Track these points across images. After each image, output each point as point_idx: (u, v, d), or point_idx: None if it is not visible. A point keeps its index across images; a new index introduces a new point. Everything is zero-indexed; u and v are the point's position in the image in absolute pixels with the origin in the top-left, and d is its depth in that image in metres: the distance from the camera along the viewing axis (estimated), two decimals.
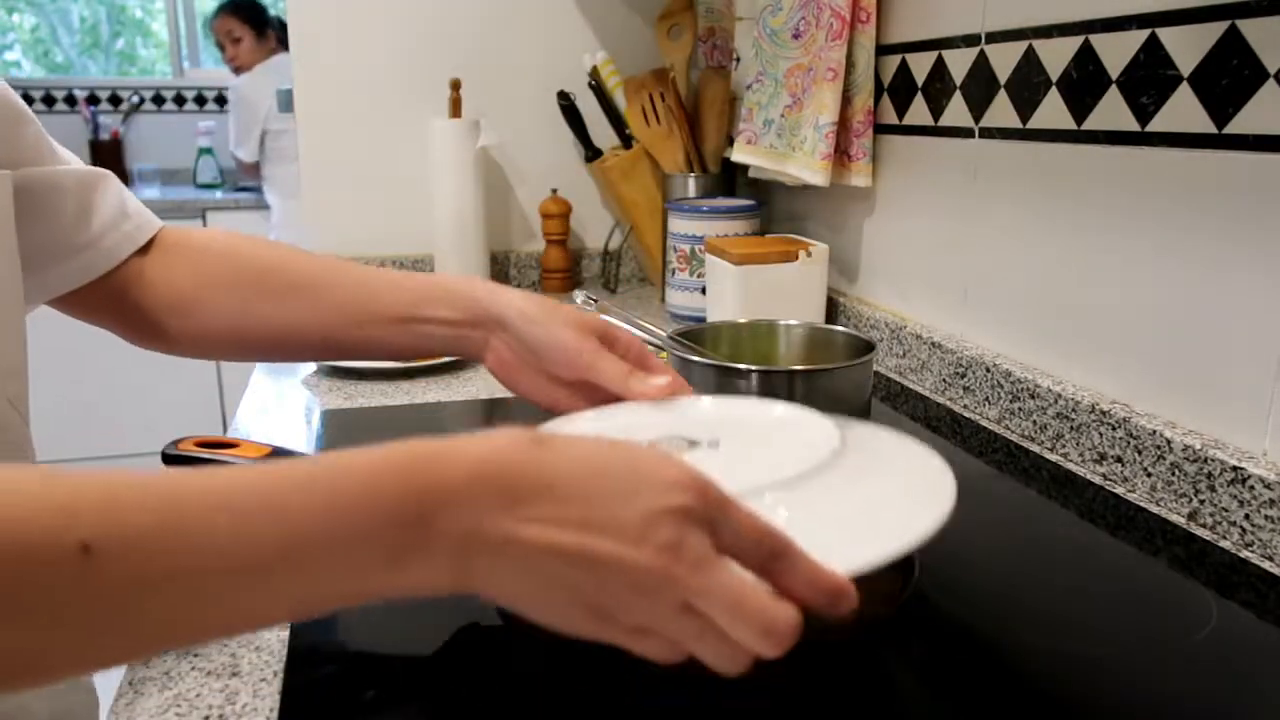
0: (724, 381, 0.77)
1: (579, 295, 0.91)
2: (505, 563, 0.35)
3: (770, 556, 0.37)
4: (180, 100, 3.35)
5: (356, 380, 1.04)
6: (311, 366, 1.08)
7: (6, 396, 0.55)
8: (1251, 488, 0.63)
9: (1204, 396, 0.69)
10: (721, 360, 0.82)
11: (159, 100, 3.33)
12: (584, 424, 0.59)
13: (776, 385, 0.76)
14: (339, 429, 0.90)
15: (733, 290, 1.12)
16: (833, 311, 1.20)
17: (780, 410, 0.58)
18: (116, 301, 0.64)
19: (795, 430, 0.55)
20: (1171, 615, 0.57)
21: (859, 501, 0.46)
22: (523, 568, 0.35)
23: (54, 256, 0.60)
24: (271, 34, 2.89)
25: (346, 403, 0.97)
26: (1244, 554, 0.63)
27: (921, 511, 0.44)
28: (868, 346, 0.81)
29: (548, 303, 0.63)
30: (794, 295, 1.12)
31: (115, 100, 3.28)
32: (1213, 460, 0.66)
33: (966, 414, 0.92)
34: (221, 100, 3.32)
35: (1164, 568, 0.63)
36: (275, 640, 0.53)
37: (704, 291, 1.24)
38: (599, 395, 0.60)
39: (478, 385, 1.02)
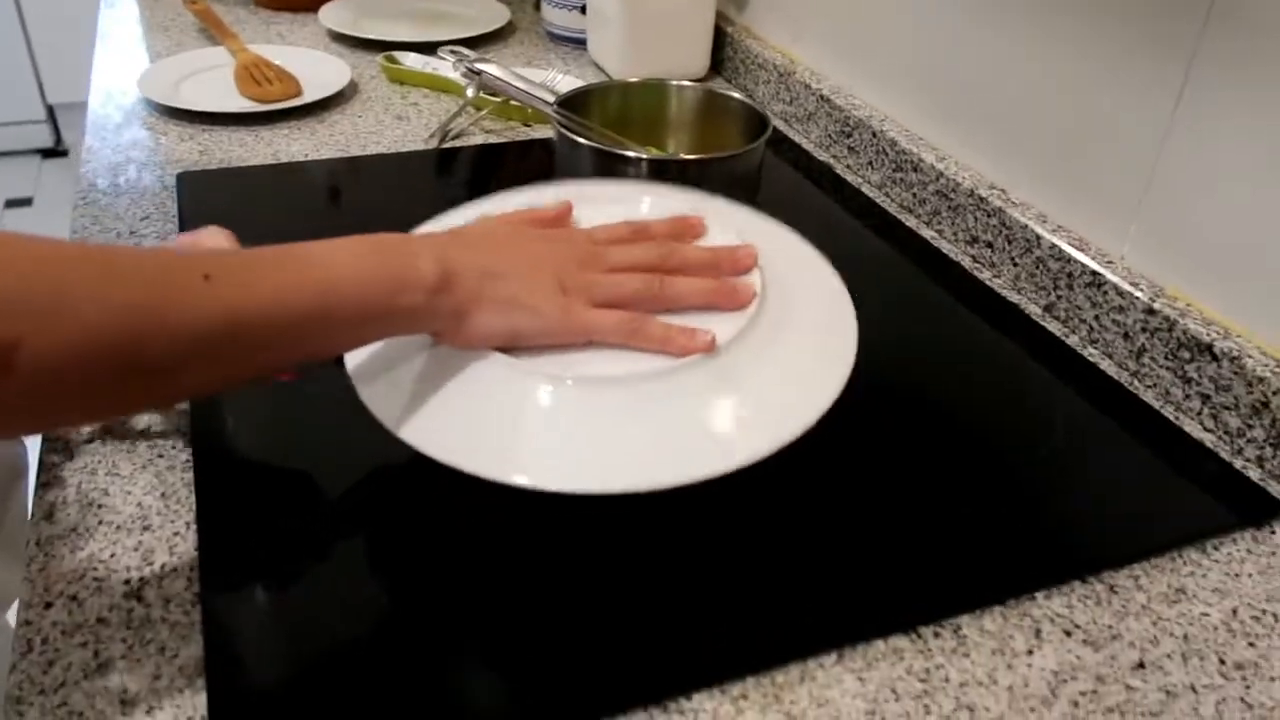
0: (613, 167, 0.74)
1: (447, 54, 0.84)
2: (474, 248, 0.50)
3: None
4: None
5: (209, 125, 0.95)
6: (150, 106, 0.98)
7: None
8: (1105, 293, 0.68)
9: (1077, 192, 0.72)
10: (611, 143, 0.79)
11: None
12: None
13: (668, 171, 0.74)
14: (199, 194, 0.83)
15: (614, 10, 1.05)
16: (719, 43, 1.14)
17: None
18: None
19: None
20: (1010, 380, 0.64)
21: (768, 373, 0.49)
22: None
23: None
24: None
25: (203, 157, 0.89)
26: (1087, 350, 0.69)
27: (817, 391, 0.47)
28: (761, 123, 0.79)
29: None
30: (678, 19, 1.07)
31: None
32: (1074, 262, 0.70)
33: (849, 175, 0.93)
34: None
35: (1015, 346, 0.70)
36: (180, 484, 0.53)
37: (584, 10, 1.15)
38: None
39: (345, 134, 0.95)
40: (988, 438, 0.61)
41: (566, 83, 1.00)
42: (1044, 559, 0.52)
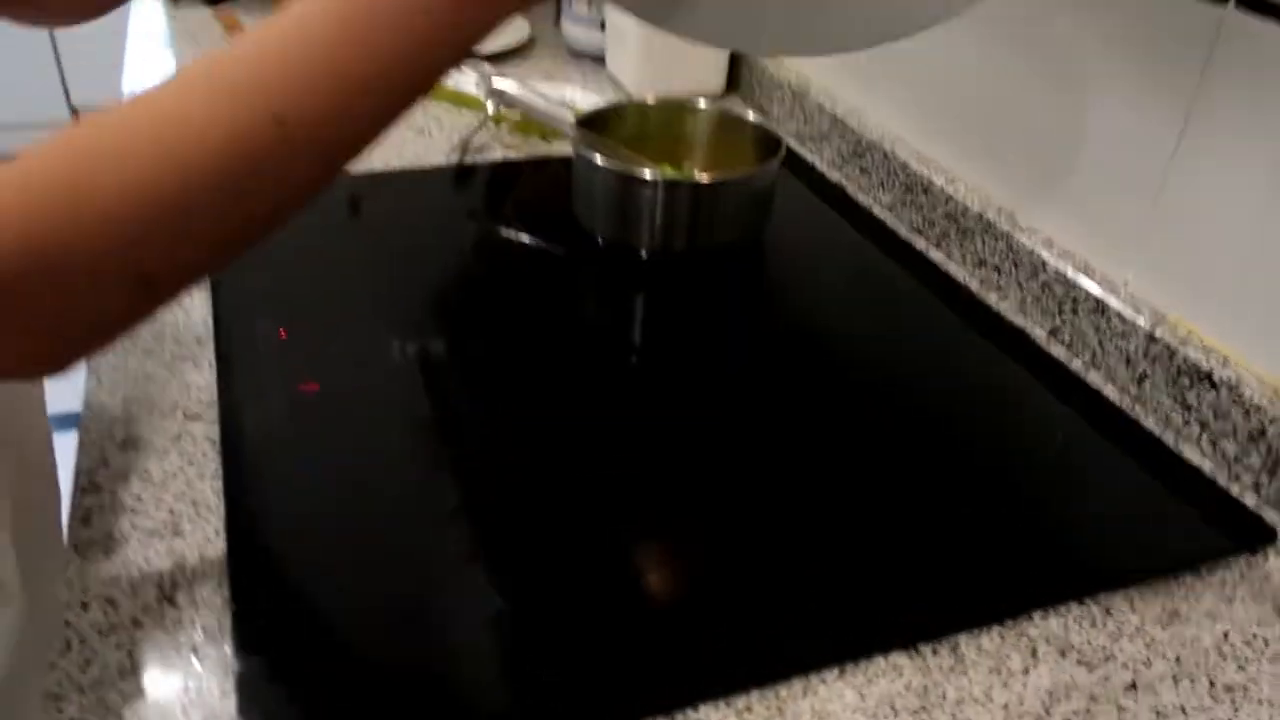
0: (628, 189, 0.76)
1: (468, 69, 0.86)
2: None
3: None
4: None
5: None
6: None
7: None
8: (1109, 319, 0.69)
9: (1084, 217, 0.74)
10: (625, 161, 0.81)
11: None
12: None
13: (681, 194, 0.76)
14: None
15: (633, 29, 1.07)
16: (736, 62, 1.16)
17: None
18: None
19: None
20: (1013, 403, 0.66)
21: None
22: None
23: None
24: None
25: None
26: (1090, 375, 0.71)
27: None
28: (775, 144, 0.81)
29: None
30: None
31: None
32: (1079, 287, 0.71)
33: (860, 196, 0.94)
34: None
35: (1020, 369, 0.72)
36: (210, 492, 0.55)
37: (603, 27, 1.18)
38: None
39: None
40: (990, 459, 0.63)
41: (585, 98, 1.02)
42: (1042, 580, 0.53)
